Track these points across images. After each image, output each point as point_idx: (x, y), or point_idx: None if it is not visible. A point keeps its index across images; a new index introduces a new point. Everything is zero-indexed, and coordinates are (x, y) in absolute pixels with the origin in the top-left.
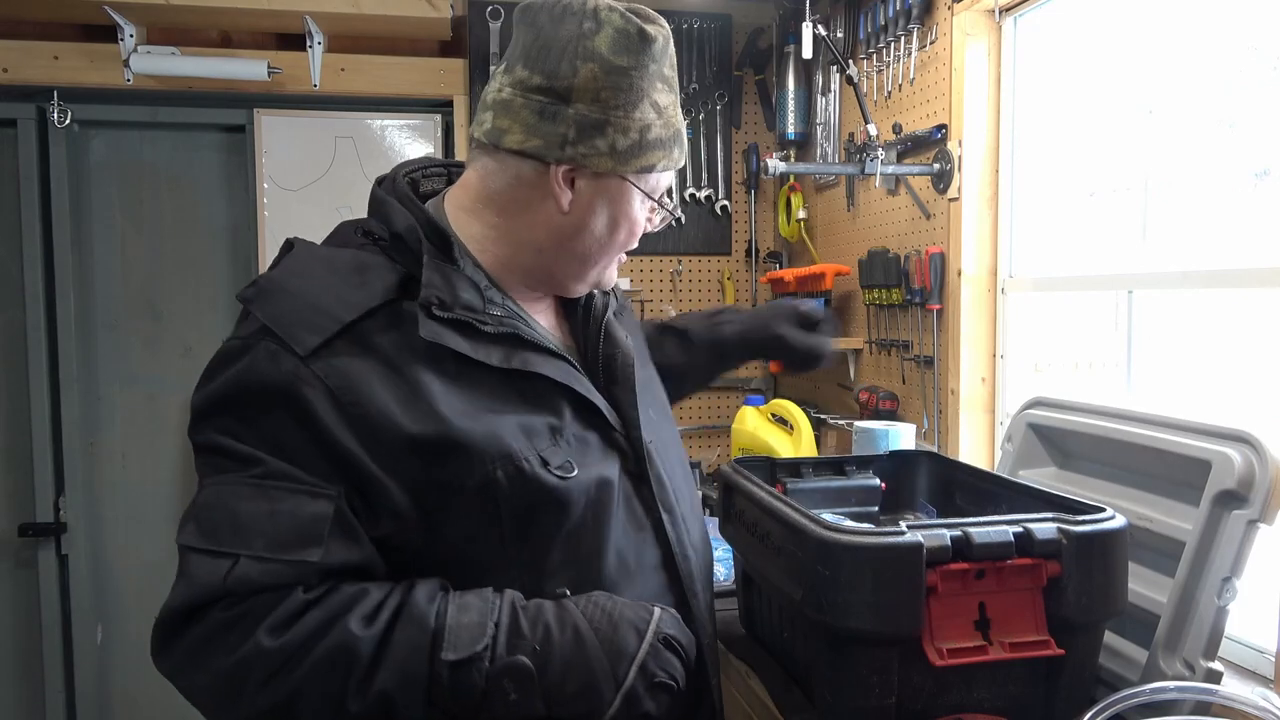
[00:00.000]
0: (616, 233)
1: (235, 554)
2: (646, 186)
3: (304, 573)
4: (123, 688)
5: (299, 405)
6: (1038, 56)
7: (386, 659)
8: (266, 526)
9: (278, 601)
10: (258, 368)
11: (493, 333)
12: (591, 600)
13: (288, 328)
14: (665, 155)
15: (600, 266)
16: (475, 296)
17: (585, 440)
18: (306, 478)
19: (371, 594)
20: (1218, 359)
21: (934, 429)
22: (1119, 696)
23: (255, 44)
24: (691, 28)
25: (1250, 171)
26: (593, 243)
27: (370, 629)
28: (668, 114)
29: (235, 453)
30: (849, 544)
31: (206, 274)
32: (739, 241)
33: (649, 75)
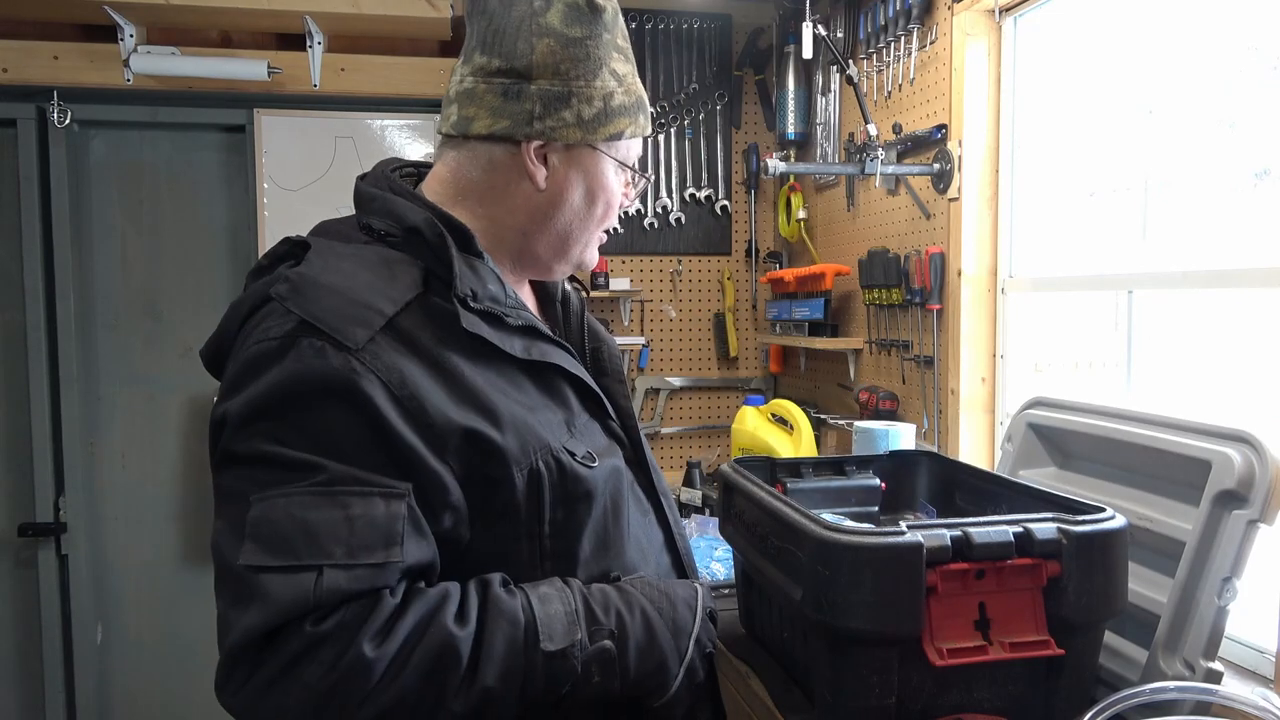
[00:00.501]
0: (594, 204)
1: (317, 565)
2: (618, 155)
3: (389, 575)
4: (123, 688)
5: (358, 400)
6: (1038, 56)
7: (486, 655)
8: (343, 533)
9: (370, 609)
10: (307, 365)
11: (515, 324)
12: (645, 582)
13: (334, 322)
14: (631, 121)
15: (582, 243)
16: (499, 288)
17: (592, 430)
18: (374, 478)
19: (453, 593)
20: (1218, 359)
21: (934, 429)
22: (1119, 696)
23: (255, 44)
24: (691, 28)
25: (1250, 171)
26: (572, 217)
27: (466, 627)
28: (628, 82)
29: (290, 461)
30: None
31: (206, 274)
32: (739, 241)
33: (604, 44)
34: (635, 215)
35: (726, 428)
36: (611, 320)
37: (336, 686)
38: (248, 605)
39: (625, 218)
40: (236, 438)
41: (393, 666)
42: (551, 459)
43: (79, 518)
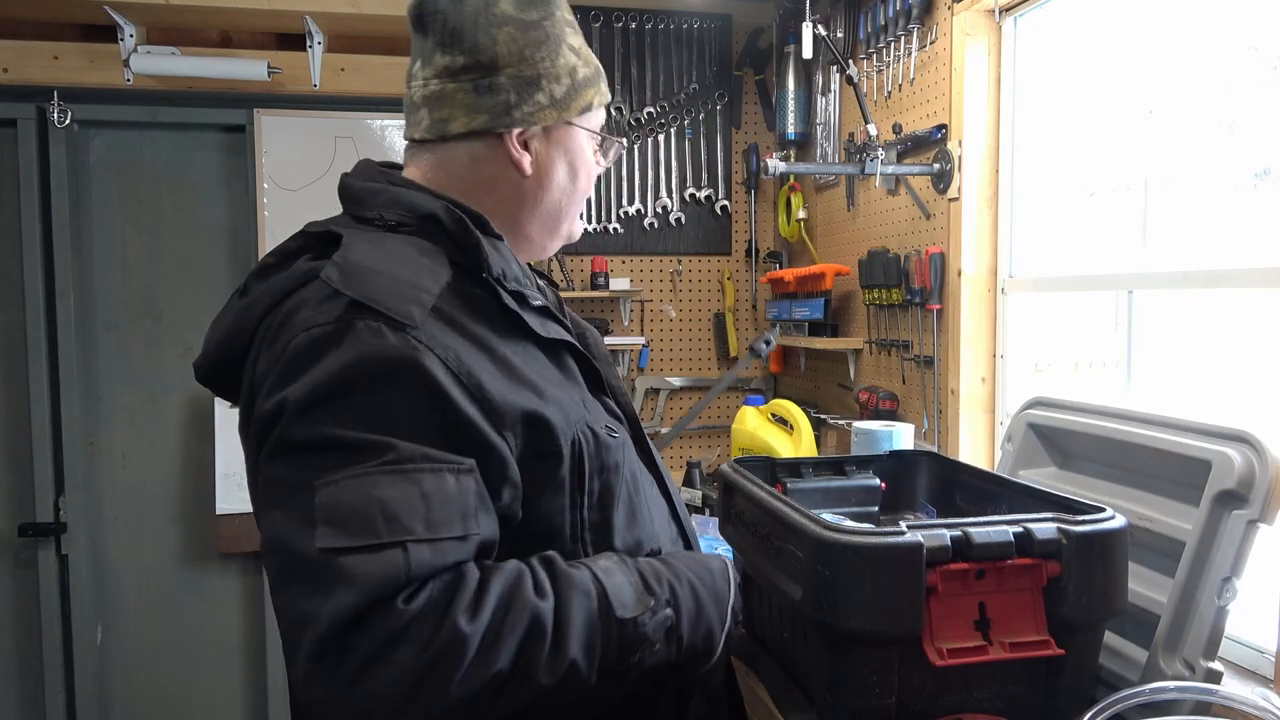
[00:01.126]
0: (577, 178)
1: (400, 541)
2: (590, 125)
3: (469, 549)
4: (123, 688)
5: (421, 377)
6: (1038, 56)
7: (569, 627)
8: (420, 509)
9: (458, 583)
10: (368, 346)
11: (535, 304)
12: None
13: (388, 302)
14: (596, 91)
15: (570, 218)
16: (520, 269)
17: (597, 406)
18: (442, 455)
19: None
20: (1218, 359)
21: (934, 429)
22: (1119, 696)
23: (255, 44)
24: (691, 28)
25: (1250, 171)
26: (560, 195)
27: (546, 600)
28: (584, 53)
29: (356, 442)
30: (849, 544)
31: (206, 274)
32: (739, 241)
33: (558, 21)
34: (635, 215)
35: (726, 428)
36: (611, 320)
37: (433, 665)
38: (331, 590)
39: (625, 218)
40: (297, 424)
41: (485, 640)
42: (588, 429)
43: (79, 518)
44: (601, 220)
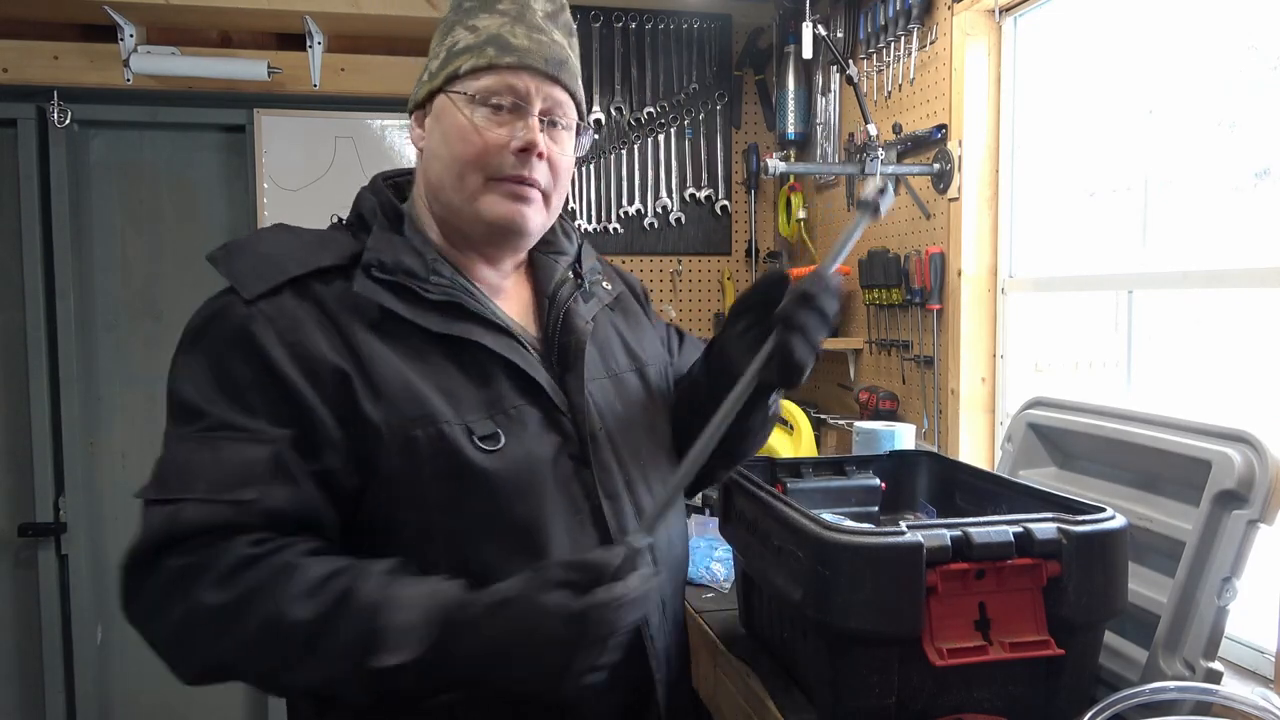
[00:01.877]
0: (451, 144)
1: (180, 499)
2: (463, 89)
3: (243, 514)
4: (123, 688)
5: (249, 342)
6: (1038, 56)
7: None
8: (210, 472)
9: (222, 551)
10: (216, 316)
11: (434, 299)
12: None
13: (241, 277)
14: (474, 55)
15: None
16: (418, 263)
17: (524, 416)
18: (249, 424)
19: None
20: (1218, 359)
21: (934, 429)
22: (1119, 696)
23: (255, 44)
24: (691, 28)
25: (1250, 171)
26: (439, 165)
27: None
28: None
29: (188, 404)
30: (849, 544)
31: (206, 274)
32: (739, 241)
33: (466, 10)
34: (635, 215)
35: None
36: None
37: (184, 624)
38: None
39: (625, 218)
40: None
41: (229, 624)
42: (434, 430)
43: (79, 518)
44: (601, 220)
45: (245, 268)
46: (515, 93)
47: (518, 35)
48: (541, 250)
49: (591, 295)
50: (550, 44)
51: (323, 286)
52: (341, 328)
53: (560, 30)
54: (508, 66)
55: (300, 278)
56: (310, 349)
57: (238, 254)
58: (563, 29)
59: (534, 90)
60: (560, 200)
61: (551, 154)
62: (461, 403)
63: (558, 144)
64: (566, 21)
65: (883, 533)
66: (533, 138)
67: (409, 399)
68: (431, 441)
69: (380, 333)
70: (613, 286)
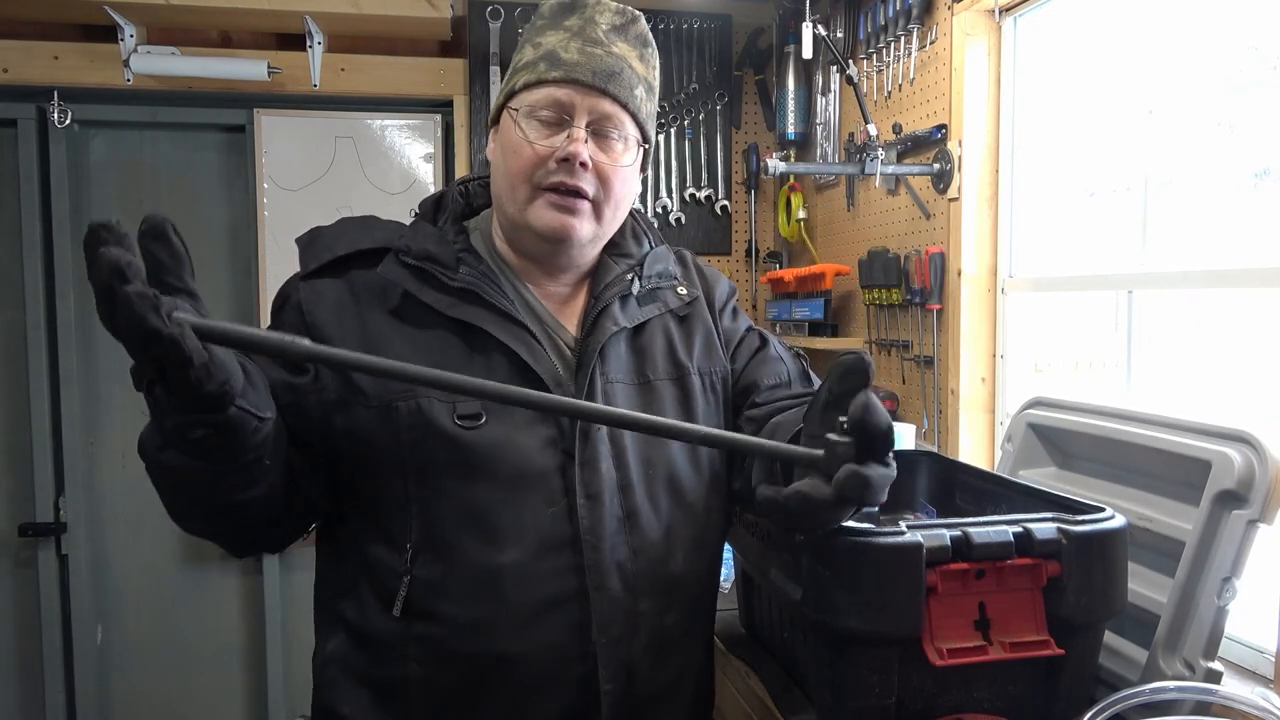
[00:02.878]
0: (506, 157)
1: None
2: (516, 106)
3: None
4: (123, 688)
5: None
6: (1038, 56)
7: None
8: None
9: None
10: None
11: (453, 286)
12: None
13: (304, 259)
14: (528, 71)
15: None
16: (444, 251)
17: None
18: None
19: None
20: (1218, 359)
21: (934, 429)
22: (1119, 696)
23: (255, 44)
24: (691, 28)
25: (1250, 171)
26: (499, 177)
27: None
28: (545, 46)
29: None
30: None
31: (206, 274)
32: (739, 241)
33: (537, 29)
34: None
35: None
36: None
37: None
38: None
39: None
40: None
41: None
42: (413, 403)
43: (79, 518)
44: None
45: (310, 251)
46: (559, 105)
47: (570, 50)
48: (608, 252)
49: (652, 299)
50: (604, 57)
51: (361, 271)
52: (360, 306)
53: (629, 42)
54: (554, 81)
55: (344, 258)
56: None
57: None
58: (633, 40)
59: (578, 102)
60: (614, 212)
61: (599, 164)
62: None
63: (607, 154)
64: (639, 33)
65: (883, 533)
66: (573, 148)
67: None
68: (410, 413)
69: (396, 314)
70: (687, 292)
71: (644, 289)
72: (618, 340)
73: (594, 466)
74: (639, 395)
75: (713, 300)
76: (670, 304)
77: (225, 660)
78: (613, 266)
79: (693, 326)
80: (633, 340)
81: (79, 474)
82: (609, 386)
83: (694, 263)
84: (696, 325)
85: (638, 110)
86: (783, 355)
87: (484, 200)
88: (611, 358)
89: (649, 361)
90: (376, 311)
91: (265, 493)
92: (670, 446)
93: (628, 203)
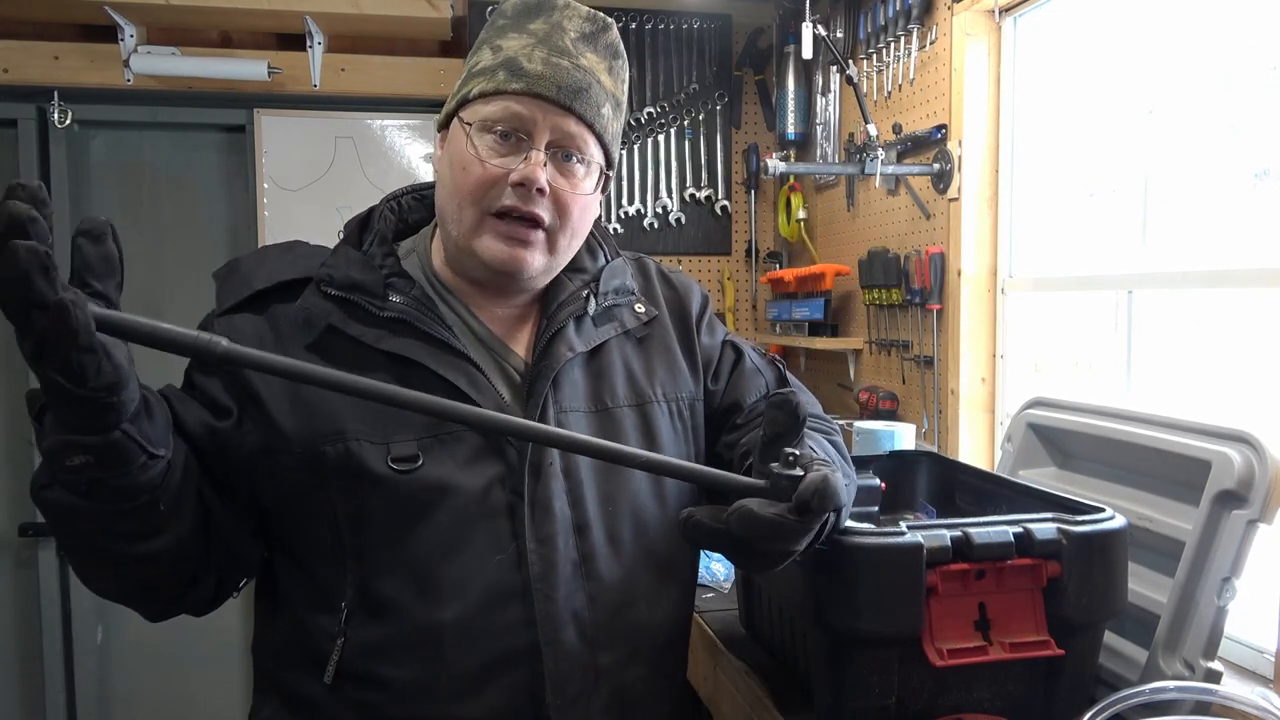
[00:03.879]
0: (454, 171)
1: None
2: (468, 116)
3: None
4: (123, 688)
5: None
6: (1038, 56)
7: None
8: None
9: None
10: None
11: (382, 316)
12: None
13: (220, 295)
14: (486, 78)
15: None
16: (370, 278)
17: (459, 440)
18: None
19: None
20: (1218, 359)
21: (934, 429)
22: (1119, 696)
23: (255, 44)
24: (691, 28)
25: (1250, 171)
26: (444, 192)
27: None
28: (506, 51)
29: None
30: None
31: (206, 274)
32: (739, 241)
33: (498, 29)
34: (635, 215)
35: None
36: None
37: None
38: None
39: (625, 218)
40: None
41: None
42: (342, 447)
43: None
44: (601, 220)
45: (226, 286)
46: (519, 121)
47: (534, 59)
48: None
49: (608, 319)
50: (571, 70)
51: (282, 304)
52: (283, 344)
53: (598, 53)
54: (514, 93)
55: (262, 292)
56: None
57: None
58: (602, 51)
59: (540, 120)
60: (570, 241)
61: (557, 190)
62: (391, 422)
63: (567, 178)
64: (610, 43)
65: (883, 533)
66: (530, 172)
67: (324, 416)
68: (339, 457)
69: (320, 350)
70: (645, 310)
71: (600, 307)
72: (572, 365)
73: (546, 506)
74: (597, 424)
75: (687, 315)
76: (627, 324)
77: (225, 660)
78: (566, 284)
79: (652, 349)
80: (588, 364)
81: None
82: (563, 416)
83: (658, 272)
84: (656, 348)
85: (604, 131)
86: (759, 366)
87: (420, 215)
88: (565, 384)
89: (607, 387)
90: (299, 349)
91: (170, 545)
92: (633, 481)
93: (585, 231)
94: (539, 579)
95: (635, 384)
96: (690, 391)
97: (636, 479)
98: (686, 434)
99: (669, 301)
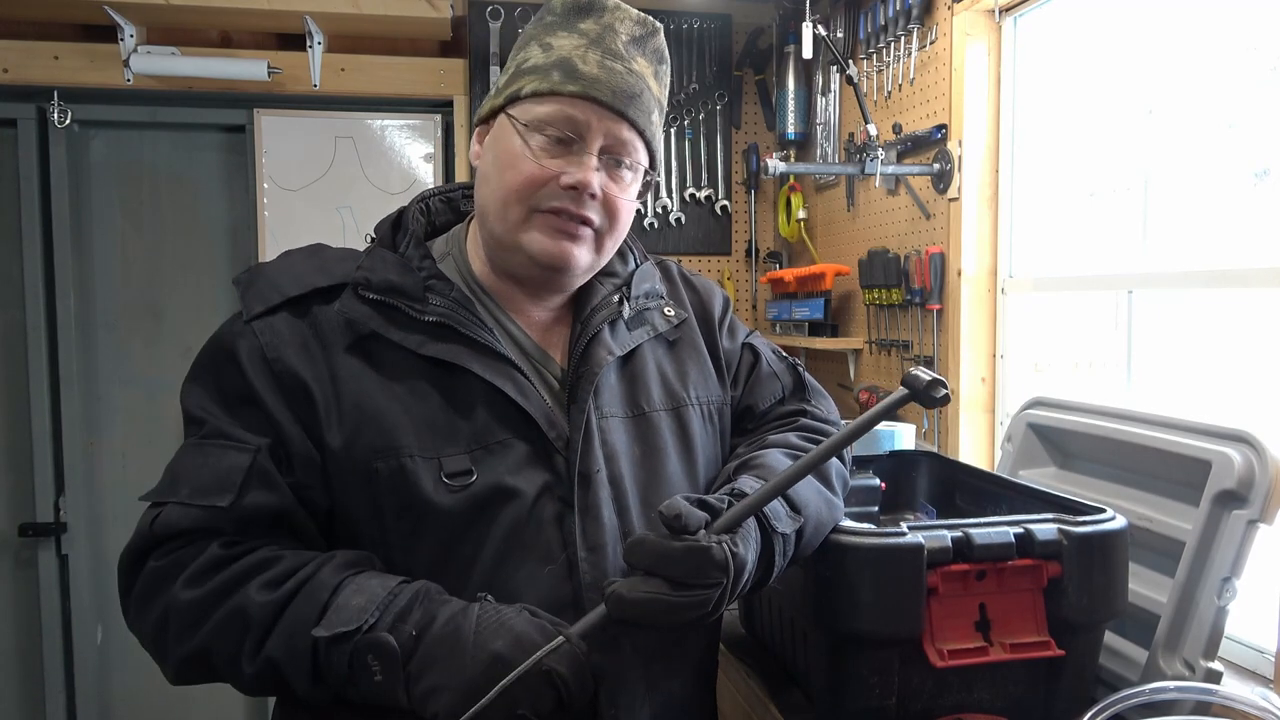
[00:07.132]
0: (501, 168)
1: (165, 502)
2: (520, 114)
3: (217, 518)
4: (123, 688)
5: (234, 359)
6: (1038, 56)
7: (278, 629)
8: (193, 477)
9: (198, 554)
10: (218, 336)
11: (425, 320)
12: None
13: (247, 300)
14: (539, 78)
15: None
16: (409, 280)
17: (508, 449)
18: (235, 433)
19: (285, 561)
20: (1218, 359)
21: (934, 429)
22: (1119, 696)
23: (255, 44)
24: (691, 28)
25: (1250, 171)
26: (487, 189)
27: (270, 595)
28: (558, 50)
29: (191, 416)
30: (849, 545)
31: (206, 274)
32: (739, 241)
33: (546, 25)
34: (636, 215)
35: None
36: None
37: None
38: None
39: None
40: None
41: (199, 616)
42: (395, 463)
43: (79, 518)
44: None
45: (253, 292)
46: (574, 125)
47: (589, 61)
48: None
49: (640, 322)
50: (624, 74)
51: (322, 307)
52: (326, 348)
53: (647, 57)
54: (570, 95)
55: (299, 297)
56: (288, 365)
57: (253, 278)
58: (650, 56)
59: (595, 124)
60: (615, 244)
61: (609, 195)
62: (440, 434)
63: (617, 184)
64: (657, 48)
65: (883, 534)
66: (584, 176)
67: (376, 429)
68: (392, 474)
69: (362, 355)
70: (675, 313)
71: (632, 311)
72: (608, 370)
73: (596, 515)
74: (634, 429)
75: (710, 317)
76: (659, 327)
77: None
78: (599, 288)
79: (684, 352)
80: (623, 368)
81: (79, 474)
82: (604, 422)
83: (680, 274)
84: (688, 351)
85: (653, 137)
86: (776, 371)
87: (447, 219)
88: (604, 389)
89: (642, 391)
90: (339, 353)
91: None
92: (670, 485)
93: (625, 234)
94: (590, 588)
95: (669, 387)
96: (719, 395)
97: (674, 484)
98: (716, 437)
99: (693, 304)
